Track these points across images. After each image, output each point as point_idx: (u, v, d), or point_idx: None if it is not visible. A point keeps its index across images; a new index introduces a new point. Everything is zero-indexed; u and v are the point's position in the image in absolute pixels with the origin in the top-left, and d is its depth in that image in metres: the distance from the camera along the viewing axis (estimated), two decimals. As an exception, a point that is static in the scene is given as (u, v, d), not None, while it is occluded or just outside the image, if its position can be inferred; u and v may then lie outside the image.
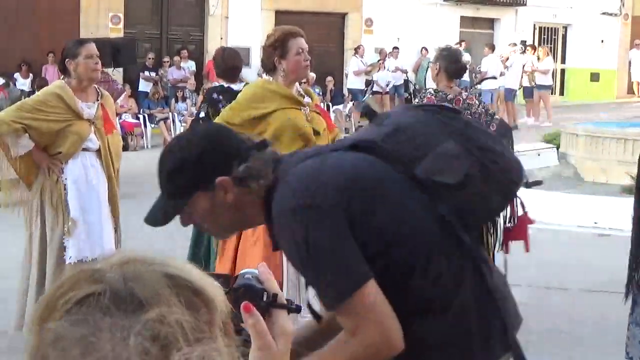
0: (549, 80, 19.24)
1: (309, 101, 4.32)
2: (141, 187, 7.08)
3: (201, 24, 20.27)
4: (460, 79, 6.90)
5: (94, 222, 4.96)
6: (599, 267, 6.76)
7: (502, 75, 17.99)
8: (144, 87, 17.89)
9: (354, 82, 19.27)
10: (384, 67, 19.81)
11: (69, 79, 4.91)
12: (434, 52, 6.49)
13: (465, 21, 23.11)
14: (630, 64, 23.95)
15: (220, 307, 0.97)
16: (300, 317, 2.20)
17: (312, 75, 15.38)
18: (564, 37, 24.93)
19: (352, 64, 19.48)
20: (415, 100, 5.71)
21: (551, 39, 24.49)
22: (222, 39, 19.36)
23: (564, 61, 24.74)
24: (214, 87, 6.00)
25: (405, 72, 20.29)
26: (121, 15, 19.09)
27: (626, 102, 22.93)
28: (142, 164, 9.50)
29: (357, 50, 19.60)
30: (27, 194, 5.00)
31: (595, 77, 24.91)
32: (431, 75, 5.90)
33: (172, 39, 20.08)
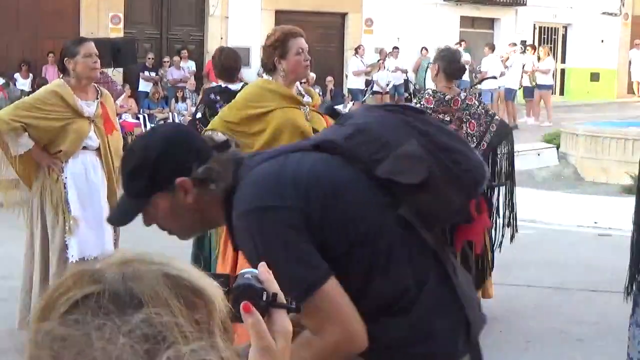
0: (549, 80, 19.22)
1: (309, 100, 4.32)
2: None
3: (201, 24, 20.27)
4: (460, 80, 6.89)
5: (95, 220, 4.95)
6: (599, 267, 6.76)
7: (502, 75, 17.98)
8: (144, 87, 17.89)
9: (354, 82, 19.27)
10: (384, 67, 19.81)
11: (68, 78, 4.91)
12: (434, 52, 6.49)
13: (465, 21, 23.11)
14: (630, 63, 23.95)
15: (219, 307, 0.97)
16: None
17: (312, 75, 15.38)
18: (564, 37, 24.93)
19: (352, 64, 19.48)
20: (414, 100, 5.70)
21: (551, 39, 24.49)
22: (222, 39, 19.36)
23: (564, 61, 24.74)
24: (212, 87, 6.00)
25: (405, 72, 20.29)
26: (121, 15, 19.10)
27: (626, 102, 22.92)
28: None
29: (357, 50, 19.60)
30: (27, 193, 5.00)
31: (595, 77, 24.91)
32: (431, 75, 5.90)
33: (172, 39, 20.08)
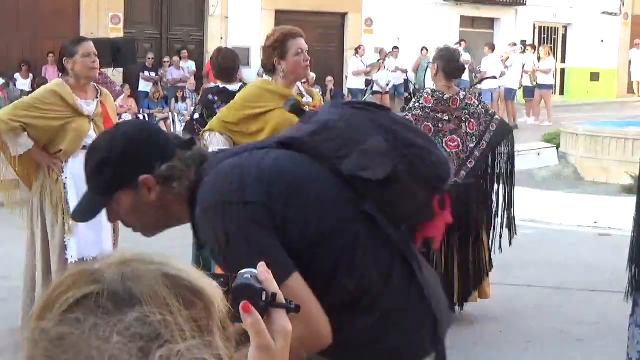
0: (550, 79, 19.23)
1: (309, 101, 4.32)
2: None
3: (201, 24, 20.27)
4: (459, 79, 6.88)
5: (94, 221, 4.92)
6: (599, 267, 6.75)
7: (503, 75, 17.98)
8: (144, 87, 17.89)
9: (354, 82, 19.28)
10: (384, 67, 19.81)
11: (68, 77, 4.90)
12: (434, 52, 6.48)
13: (465, 21, 23.11)
14: (630, 63, 23.96)
15: (219, 306, 0.97)
16: None
17: (312, 75, 15.37)
18: (564, 36, 24.93)
19: (352, 64, 19.48)
20: (413, 100, 5.69)
21: (551, 39, 24.49)
22: (222, 39, 19.37)
23: (564, 61, 24.74)
24: (210, 88, 6.00)
25: (405, 71, 20.30)
26: (121, 15, 19.10)
27: (626, 102, 22.92)
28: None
29: (357, 50, 19.60)
30: (28, 194, 4.99)
31: (595, 77, 24.91)
32: (430, 75, 5.90)
33: (172, 39, 20.08)
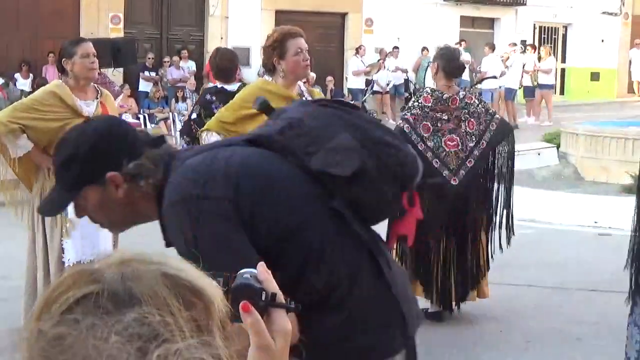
0: (551, 79, 19.22)
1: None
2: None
3: (201, 24, 20.27)
4: (460, 78, 6.88)
5: (92, 224, 4.90)
6: (599, 267, 6.75)
7: (503, 74, 17.98)
8: (144, 87, 17.90)
9: (354, 82, 19.27)
10: (384, 67, 19.81)
11: (67, 78, 4.90)
12: (434, 52, 6.48)
13: (465, 21, 23.11)
14: (630, 63, 23.96)
15: (218, 306, 0.97)
16: None
17: (313, 75, 15.37)
18: (564, 36, 24.93)
19: (352, 64, 19.48)
20: (412, 99, 5.69)
21: (551, 39, 24.49)
22: (222, 39, 19.37)
23: (564, 60, 24.74)
24: (208, 88, 6.01)
25: (405, 71, 20.30)
26: (121, 15, 19.10)
27: (626, 102, 22.92)
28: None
29: (357, 50, 19.60)
30: (29, 195, 4.99)
31: (595, 77, 24.91)
32: (431, 74, 5.90)
33: (172, 39, 20.08)
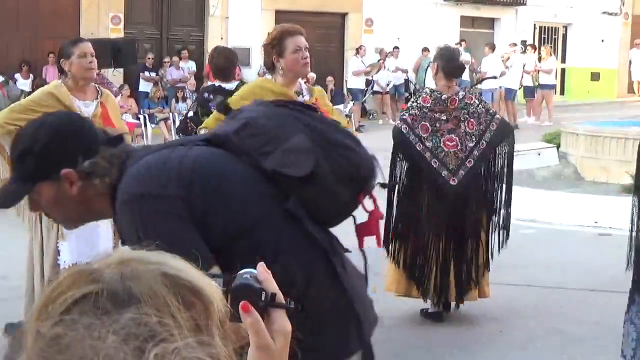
0: (552, 79, 19.23)
1: (307, 99, 4.32)
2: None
3: (201, 24, 20.27)
4: (460, 79, 6.87)
5: (88, 225, 4.88)
6: (599, 267, 6.75)
7: (503, 74, 17.98)
8: (144, 87, 17.90)
9: (354, 82, 19.27)
10: (384, 67, 19.80)
11: (66, 79, 4.90)
12: (434, 52, 6.48)
13: (465, 21, 23.11)
14: (630, 63, 23.97)
15: (218, 306, 0.97)
16: None
17: (313, 75, 15.36)
18: (564, 36, 24.93)
19: (352, 64, 19.48)
20: (412, 99, 5.69)
21: (551, 39, 24.49)
22: (222, 39, 19.36)
23: (564, 60, 24.74)
24: (206, 86, 6.02)
25: (405, 71, 20.30)
26: (121, 15, 19.10)
27: (626, 102, 22.93)
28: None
29: (358, 50, 19.60)
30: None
31: (595, 77, 24.92)
32: (432, 74, 5.90)
33: (172, 39, 20.09)
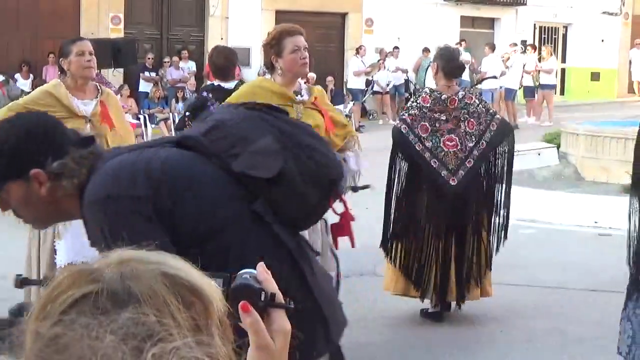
0: (553, 79, 19.23)
1: (305, 99, 4.31)
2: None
3: (201, 25, 20.27)
4: (460, 79, 6.88)
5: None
6: (599, 266, 6.75)
7: (503, 74, 17.97)
8: (144, 87, 17.90)
9: (354, 82, 19.27)
10: (384, 67, 19.80)
11: (66, 78, 4.89)
12: (434, 52, 6.49)
13: (465, 21, 23.11)
14: (630, 63, 23.97)
15: (217, 306, 0.97)
16: None
17: (312, 75, 15.36)
18: (564, 36, 24.93)
19: (352, 64, 19.47)
20: (411, 99, 5.70)
21: (551, 39, 24.48)
22: (222, 39, 19.35)
23: (564, 60, 24.74)
24: (205, 85, 6.03)
25: (405, 71, 20.29)
26: (121, 15, 19.10)
27: (627, 102, 22.92)
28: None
29: (358, 50, 19.59)
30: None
31: (595, 77, 24.91)
32: (432, 74, 5.91)
33: (172, 39, 20.09)
